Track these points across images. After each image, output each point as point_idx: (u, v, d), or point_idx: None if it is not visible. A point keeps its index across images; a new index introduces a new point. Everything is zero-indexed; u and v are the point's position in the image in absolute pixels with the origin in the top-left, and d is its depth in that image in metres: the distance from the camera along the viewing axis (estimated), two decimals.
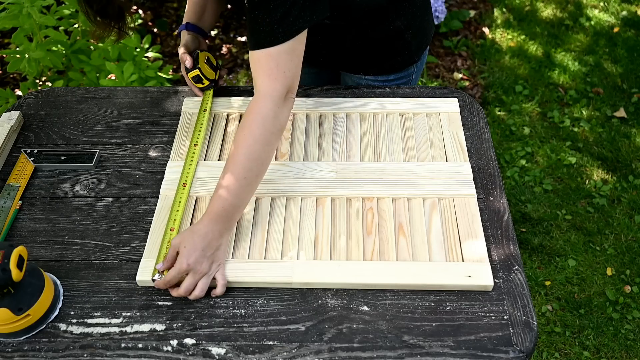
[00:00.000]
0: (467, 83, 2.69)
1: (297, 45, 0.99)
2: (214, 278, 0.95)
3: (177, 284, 0.94)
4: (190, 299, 0.94)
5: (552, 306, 1.91)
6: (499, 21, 3.03)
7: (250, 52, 1.00)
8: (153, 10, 2.96)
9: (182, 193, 1.07)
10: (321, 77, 1.44)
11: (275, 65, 0.98)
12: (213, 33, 2.87)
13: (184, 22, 1.29)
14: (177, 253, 0.94)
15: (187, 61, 1.21)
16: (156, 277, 0.95)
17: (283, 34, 0.96)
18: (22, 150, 1.18)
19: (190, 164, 1.12)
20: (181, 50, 1.24)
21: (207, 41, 1.32)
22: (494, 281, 0.96)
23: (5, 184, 1.13)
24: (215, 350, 0.89)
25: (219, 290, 0.95)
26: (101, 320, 0.93)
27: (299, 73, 1.02)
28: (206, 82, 1.23)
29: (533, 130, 2.47)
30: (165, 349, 0.90)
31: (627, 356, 1.78)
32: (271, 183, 1.10)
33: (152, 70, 1.85)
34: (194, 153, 1.14)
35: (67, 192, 1.13)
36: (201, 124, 1.19)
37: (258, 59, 0.99)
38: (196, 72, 1.22)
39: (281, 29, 0.96)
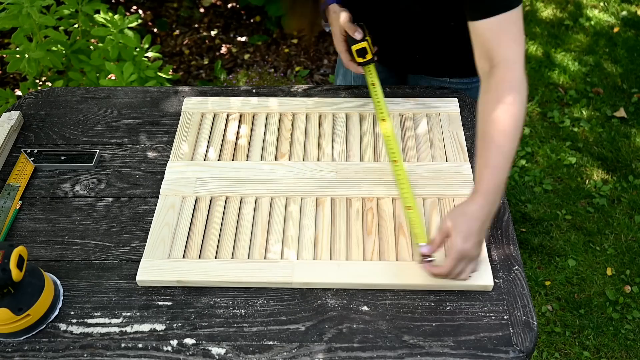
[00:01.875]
0: None
1: (522, 9, 0.97)
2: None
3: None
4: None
5: (552, 306, 1.91)
6: None
7: (484, 20, 0.96)
8: (153, 10, 2.96)
9: (398, 170, 1.04)
10: (388, 82, 1.38)
11: (518, 29, 0.96)
12: (213, 33, 2.88)
13: None
14: (446, 237, 0.91)
15: (358, 32, 1.14)
16: (423, 249, 0.92)
17: None
18: (22, 150, 1.18)
19: (389, 139, 1.09)
20: (346, 20, 1.13)
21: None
22: (494, 281, 0.96)
23: (5, 184, 1.13)
24: (215, 350, 0.89)
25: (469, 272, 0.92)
26: (101, 320, 0.93)
27: None
28: (369, 56, 1.16)
29: (533, 130, 2.47)
30: (165, 349, 0.90)
31: (627, 356, 1.78)
32: (271, 183, 1.10)
33: (152, 70, 1.84)
34: (386, 127, 1.11)
35: (67, 192, 1.13)
36: (377, 97, 1.15)
37: (499, 25, 0.95)
38: (364, 44, 1.14)
39: None
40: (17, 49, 1.75)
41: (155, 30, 2.86)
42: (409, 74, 1.37)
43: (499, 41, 0.96)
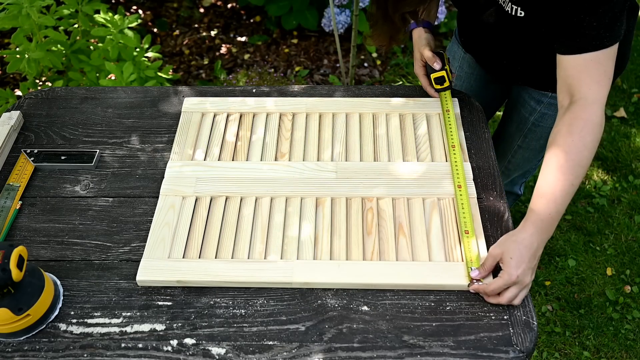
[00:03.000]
0: None
1: (616, 50, 0.97)
2: None
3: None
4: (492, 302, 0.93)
5: (552, 306, 1.91)
6: None
7: (570, 56, 0.97)
8: (153, 10, 2.96)
9: (461, 195, 1.06)
10: (489, 88, 1.41)
11: (603, 71, 0.96)
12: (213, 33, 2.88)
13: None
14: (497, 263, 0.94)
15: (437, 63, 1.20)
16: (475, 282, 0.94)
17: (609, 38, 0.94)
18: (22, 150, 1.18)
19: (456, 165, 1.11)
20: (428, 51, 1.21)
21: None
22: None
23: (5, 184, 1.13)
24: (215, 350, 0.89)
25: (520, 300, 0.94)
26: (101, 320, 0.93)
27: None
28: (446, 84, 1.22)
29: None
30: (165, 349, 0.90)
31: (627, 356, 1.78)
32: (271, 183, 1.10)
33: (152, 70, 1.85)
34: (455, 153, 1.13)
35: (67, 192, 1.13)
36: (450, 124, 1.18)
37: (584, 64, 0.96)
38: (443, 73, 1.20)
39: (608, 33, 0.94)
40: (17, 49, 1.75)
41: (155, 30, 2.86)
42: (513, 85, 1.37)
43: (581, 79, 0.96)
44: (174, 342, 0.91)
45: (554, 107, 1.26)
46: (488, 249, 1.00)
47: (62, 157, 1.17)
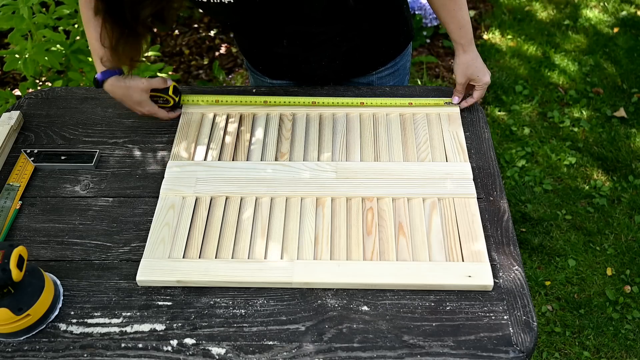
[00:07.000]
0: None
1: None
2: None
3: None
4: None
5: (552, 306, 1.91)
6: (499, 21, 3.03)
7: None
8: None
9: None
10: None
11: None
12: (212, 33, 2.88)
13: (107, 68, 1.16)
14: (467, 83, 1.19)
15: (169, 80, 1.20)
16: (455, 100, 1.22)
17: None
18: (22, 150, 1.18)
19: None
20: (154, 80, 1.19)
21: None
22: (494, 281, 0.96)
23: (5, 184, 1.13)
24: (215, 350, 0.89)
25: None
26: (101, 320, 0.93)
27: None
28: (171, 103, 1.23)
29: (533, 130, 2.47)
30: (165, 349, 0.90)
31: (627, 356, 1.78)
32: (271, 183, 1.10)
33: (152, 71, 1.84)
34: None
35: (67, 192, 1.13)
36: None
37: None
38: (163, 95, 1.22)
39: None
40: (15, 48, 1.74)
41: (155, 30, 2.86)
42: (341, 84, 1.38)
43: None
44: (174, 342, 0.91)
45: (384, 78, 1.35)
46: (488, 249, 1.00)
47: (62, 157, 1.17)
